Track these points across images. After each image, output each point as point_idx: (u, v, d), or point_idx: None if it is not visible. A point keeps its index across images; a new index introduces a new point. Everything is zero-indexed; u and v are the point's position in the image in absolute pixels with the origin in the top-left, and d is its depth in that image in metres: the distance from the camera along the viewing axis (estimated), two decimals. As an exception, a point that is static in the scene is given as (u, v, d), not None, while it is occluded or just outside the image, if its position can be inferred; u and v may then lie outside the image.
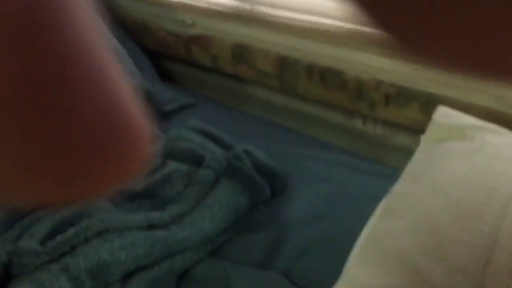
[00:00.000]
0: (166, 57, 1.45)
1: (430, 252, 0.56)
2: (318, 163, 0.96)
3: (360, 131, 1.14)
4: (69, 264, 0.66)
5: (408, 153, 0.73)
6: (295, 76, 1.08)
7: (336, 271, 0.67)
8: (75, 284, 0.66)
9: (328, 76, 1.02)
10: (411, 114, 0.92)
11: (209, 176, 0.81)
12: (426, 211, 0.59)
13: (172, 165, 0.85)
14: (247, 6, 1.14)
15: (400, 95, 0.93)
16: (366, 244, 0.63)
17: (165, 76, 1.43)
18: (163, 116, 1.13)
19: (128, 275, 0.71)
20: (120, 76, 0.11)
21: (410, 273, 0.56)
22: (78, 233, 0.68)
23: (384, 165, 0.98)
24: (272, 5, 1.09)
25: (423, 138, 0.72)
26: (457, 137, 0.66)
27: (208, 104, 1.27)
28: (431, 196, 0.60)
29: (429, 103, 0.88)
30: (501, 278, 0.52)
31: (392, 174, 0.71)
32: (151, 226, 0.74)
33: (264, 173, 0.87)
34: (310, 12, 1.03)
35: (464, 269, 0.53)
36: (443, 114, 0.71)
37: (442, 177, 0.61)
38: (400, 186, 0.67)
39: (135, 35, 1.38)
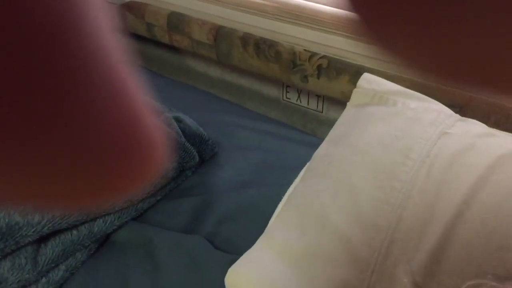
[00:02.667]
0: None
1: (347, 209, 0.57)
2: (250, 132, 0.96)
3: (294, 105, 1.15)
4: (-23, 225, 0.62)
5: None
6: (230, 46, 1.06)
7: (259, 235, 0.67)
8: (-18, 246, 0.62)
9: (262, 47, 1.01)
10: (342, 86, 0.94)
11: (134, 140, 0.78)
12: (345, 171, 0.60)
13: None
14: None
15: (331, 67, 0.93)
16: (286, 205, 0.63)
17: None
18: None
19: (43, 239, 0.68)
20: (136, 86, 0.11)
21: (327, 230, 0.57)
22: (-12, 193, 0.64)
23: (317, 137, 0.99)
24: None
25: (348, 104, 0.73)
26: (379, 102, 0.67)
27: (143, 73, 1.23)
28: (351, 156, 0.61)
29: (359, 75, 0.89)
30: (413, 234, 0.53)
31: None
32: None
33: (194, 140, 0.85)
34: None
35: (377, 225, 0.54)
36: (367, 81, 0.72)
37: (362, 139, 0.62)
38: (322, 149, 0.67)
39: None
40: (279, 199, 0.74)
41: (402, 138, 0.60)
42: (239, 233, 0.75)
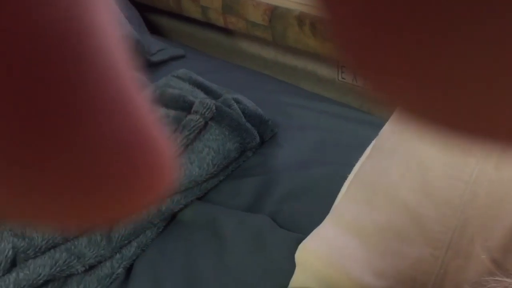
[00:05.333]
0: (155, 10, 1.42)
1: (418, 186, 0.56)
2: (307, 111, 0.95)
3: (350, 85, 1.14)
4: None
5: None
6: (286, 27, 1.06)
7: (322, 214, 0.67)
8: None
9: (319, 26, 1.00)
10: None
11: (197, 121, 0.80)
12: (414, 148, 0.59)
13: (160, 111, 0.84)
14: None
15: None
16: (354, 182, 0.63)
17: (154, 31, 1.40)
18: (152, 66, 1.11)
19: (116, 217, 0.71)
20: (144, 102, 0.11)
21: (397, 209, 0.56)
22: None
23: (374, 116, 0.98)
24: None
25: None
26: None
27: (198, 56, 1.25)
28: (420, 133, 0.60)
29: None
30: (490, 210, 0.52)
31: (382, 124, 0.70)
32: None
33: (253, 120, 0.86)
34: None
35: (451, 202, 0.53)
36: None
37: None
38: (389, 126, 0.66)
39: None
40: (341, 178, 0.74)
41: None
42: (302, 212, 0.75)
